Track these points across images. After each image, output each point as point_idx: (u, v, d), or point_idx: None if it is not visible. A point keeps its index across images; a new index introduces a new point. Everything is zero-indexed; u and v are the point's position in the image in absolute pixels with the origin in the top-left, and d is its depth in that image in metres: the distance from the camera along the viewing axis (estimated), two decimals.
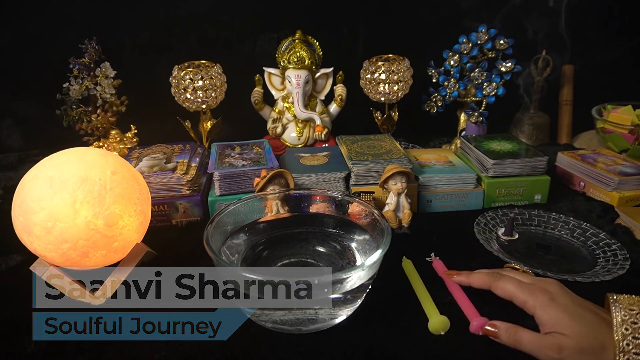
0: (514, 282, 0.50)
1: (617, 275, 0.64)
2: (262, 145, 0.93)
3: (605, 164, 0.90)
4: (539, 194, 0.87)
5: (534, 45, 1.14)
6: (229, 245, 0.62)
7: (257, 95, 1.06)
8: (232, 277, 0.53)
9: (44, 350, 0.52)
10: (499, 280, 0.51)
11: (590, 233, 0.75)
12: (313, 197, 0.69)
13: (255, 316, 0.54)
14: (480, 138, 0.97)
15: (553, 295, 0.48)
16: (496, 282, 0.51)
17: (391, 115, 1.07)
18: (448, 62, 1.00)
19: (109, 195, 0.57)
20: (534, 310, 0.48)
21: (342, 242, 0.65)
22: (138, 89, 1.04)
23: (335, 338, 0.53)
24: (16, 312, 0.58)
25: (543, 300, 0.47)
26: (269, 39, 1.18)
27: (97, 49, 0.94)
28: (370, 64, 1.04)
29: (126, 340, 0.54)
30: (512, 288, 0.49)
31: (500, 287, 0.50)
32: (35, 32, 1.12)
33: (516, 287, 0.49)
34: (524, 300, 0.48)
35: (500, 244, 0.74)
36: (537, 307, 0.47)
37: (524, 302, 0.48)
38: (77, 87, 0.92)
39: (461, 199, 0.86)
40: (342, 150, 0.92)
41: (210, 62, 1.00)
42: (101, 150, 0.64)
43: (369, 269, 0.52)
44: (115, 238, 0.58)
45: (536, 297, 0.48)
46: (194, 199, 0.80)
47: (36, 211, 0.54)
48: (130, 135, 1.01)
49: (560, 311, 0.46)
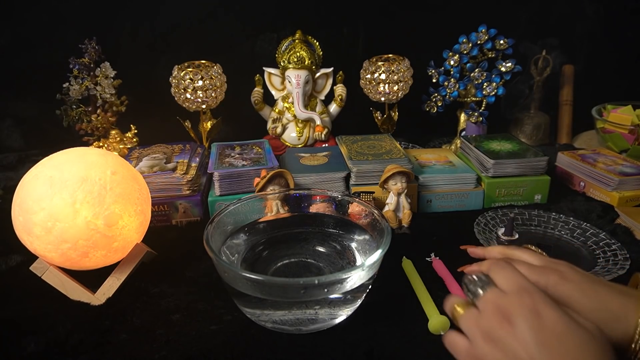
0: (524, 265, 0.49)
1: (617, 275, 0.64)
2: (262, 145, 0.93)
3: (605, 164, 0.90)
4: (539, 194, 0.87)
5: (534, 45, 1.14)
6: (229, 245, 0.62)
7: (257, 95, 1.06)
8: (232, 277, 0.53)
9: (44, 350, 0.52)
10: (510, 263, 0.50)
11: (590, 233, 0.75)
12: (313, 197, 0.69)
13: (255, 316, 0.54)
14: (480, 138, 0.97)
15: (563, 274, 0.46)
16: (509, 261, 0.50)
17: (391, 115, 1.07)
18: (448, 62, 1.00)
19: (109, 195, 0.57)
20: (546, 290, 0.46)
21: (342, 242, 0.65)
22: (138, 89, 1.04)
23: (335, 338, 0.53)
24: (16, 312, 0.58)
25: (554, 279, 0.46)
26: (269, 39, 1.18)
27: (97, 49, 0.94)
28: (370, 64, 1.04)
29: (126, 340, 0.54)
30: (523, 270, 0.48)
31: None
32: (35, 32, 1.12)
33: (526, 269, 0.48)
34: (535, 281, 0.46)
35: (501, 244, 0.74)
36: (549, 287, 0.46)
37: (536, 282, 0.46)
38: (77, 87, 0.92)
39: (461, 199, 0.86)
40: (342, 150, 0.92)
41: (210, 62, 1.00)
42: (101, 150, 0.64)
43: (369, 269, 0.52)
44: (115, 238, 0.58)
45: (548, 277, 0.46)
46: (194, 199, 0.80)
47: (36, 211, 0.54)
48: (130, 135, 1.00)
49: (571, 289, 0.45)
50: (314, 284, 0.49)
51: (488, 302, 0.41)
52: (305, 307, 0.52)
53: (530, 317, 0.37)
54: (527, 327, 0.37)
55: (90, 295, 0.60)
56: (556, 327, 0.37)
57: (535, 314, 0.38)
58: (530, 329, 0.37)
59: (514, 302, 0.39)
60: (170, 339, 0.54)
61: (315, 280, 0.49)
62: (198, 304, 0.60)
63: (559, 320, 0.37)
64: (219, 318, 0.57)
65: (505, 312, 0.39)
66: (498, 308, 0.39)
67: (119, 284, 0.61)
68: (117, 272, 0.61)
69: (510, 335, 0.37)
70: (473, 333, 0.40)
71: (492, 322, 0.39)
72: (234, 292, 0.54)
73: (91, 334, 0.54)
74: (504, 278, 0.43)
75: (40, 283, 0.59)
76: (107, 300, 0.60)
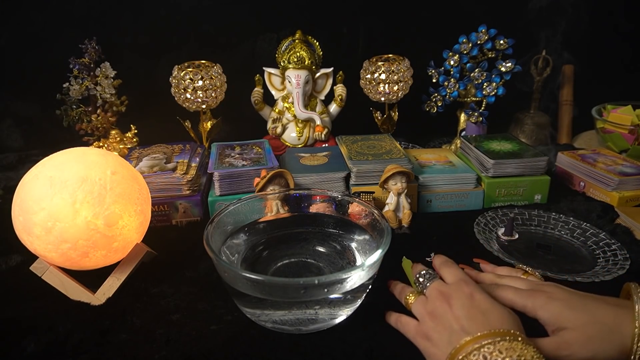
0: (510, 289, 0.51)
1: (617, 275, 0.64)
2: (262, 145, 0.93)
3: (605, 164, 0.90)
4: (539, 194, 0.87)
5: (534, 45, 1.14)
6: (229, 245, 0.62)
7: (257, 95, 1.06)
8: (232, 277, 0.53)
9: (44, 350, 0.52)
10: (496, 290, 0.52)
11: (590, 233, 0.75)
12: (313, 197, 0.69)
13: (255, 316, 0.54)
14: (480, 138, 0.98)
15: (550, 294, 0.48)
16: (493, 292, 0.51)
17: (391, 115, 1.07)
18: (448, 62, 1.00)
19: (109, 195, 0.57)
20: (535, 312, 0.48)
21: (342, 242, 0.65)
22: (138, 89, 1.04)
23: (335, 338, 0.53)
24: (16, 312, 0.58)
25: (541, 299, 0.48)
26: (269, 39, 1.18)
27: (97, 49, 0.94)
28: (370, 64, 1.04)
29: (126, 340, 0.54)
30: (510, 296, 0.50)
31: (499, 296, 0.51)
32: (35, 32, 1.12)
33: (514, 294, 0.50)
34: (523, 304, 0.49)
35: (500, 244, 0.74)
36: (537, 308, 0.48)
37: (524, 306, 0.49)
38: (77, 87, 0.92)
39: (461, 199, 0.86)
40: (342, 150, 0.92)
41: (210, 62, 1.00)
42: (101, 150, 0.64)
43: (369, 269, 0.52)
44: (115, 238, 0.58)
45: (535, 299, 0.48)
46: (194, 199, 0.80)
47: (36, 211, 0.54)
48: (130, 135, 1.00)
49: (559, 306, 0.47)
50: (314, 284, 0.49)
51: (434, 289, 0.50)
52: (305, 307, 0.52)
53: (465, 298, 0.47)
54: (461, 305, 0.47)
55: (90, 295, 0.60)
56: (482, 305, 0.47)
57: (469, 297, 0.47)
58: (463, 307, 0.46)
59: (454, 288, 0.49)
60: (170, 339, 0.54)
61: (315, 280, 0.49)
62: (198, 304, 0.60)
63: (485, 301, 0.47)
64: (219, 318, 0.57)
65: (447, 296, 0.48)
66: (441, 293, 0.49)
67: (119, 284, 0.61)
68: (117, 272, 0.61)
69: (449, 312, 0.47)
70: (421, 314, 0.50)
71: (435, 304, 0.49)
72: (234, 292, 0.54)
73: (91, 334, 0.54)
74: (449, 273, 0.52)
75: (40, 283, 0.59)
76: (107, 300, 0.60)
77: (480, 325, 0.44)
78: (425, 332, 0.48)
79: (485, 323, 0.44)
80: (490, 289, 0.52)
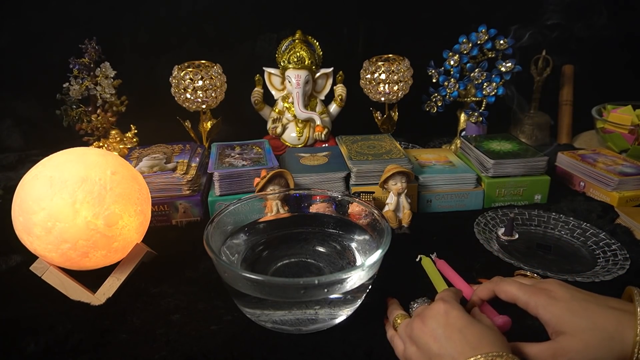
0: (515, 284, 0.50)
1: (617, 275, 0.64)
2: (262, 145, 0.93)
3: (605, 164, 0.90)
4: (539, 194, 0.87)
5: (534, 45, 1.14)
6: (229, 245, 0.62)
7: (257, 95, 1.06)
8: (232, 277, 0.53)
9: (44, 350, 0.52)
10: (500, 283, 0.51)
11: (590, 233, 0.75)
12: (313, 197, 0.69)
13: (255, 316, 0.54)
14: (480, 138, 0.98)
15: (553, 293, 0.48)
16: (498, 285, 0.51)
17: (391, 115, 1.07)
18: (448, 62, 1.00)
19: (109, 195, 0.57)
20: (536, 311, 0.48)
21: (342, 242, 0.65)
22: (138, 89, 1.04)
23: (335, 338, 0.54)
24: (16, 312, 0.58)
25: (543, 299, 0.47)
26: (269, 39, 1.18)
27: (97, 49, 0.94)
28: (370, 64, 1.04)
29: (126, 340, 0.54)
30: (514, 290, 0.50)
31: (503, 289, 0.50)
32: (35, 32, 1.12)
33: (518, 289, 0.50)
34: (525, 301, 0.48)
35: (500, 244, 0.74)
36: (539, 307, 0.47)
37: (526, 303, 0.48)
38: (77, 87, 0.92)
39: (461, 199, 0.86)
40: (342, 150, 0.92)
41: (210, 62, 1.00)
42: (101, 150, 0.64)
43: (369, 269, 0.52)
44: (115, 238, 0.58)
45: (537, 298, 0.48)
46: (194, 199, 0.80)
47: (36, 211, 0.54)
48: (130, 135, 1.01)
49: (561, 308, 0.46)
50: (314, 284, 0.49)
51: (415, 313, 0.50)
52: (305, 307, 0.52)
53: (439, 317, 0.46)
54: (437, 325, 0.45)
55: (90, 295, 0.60)
56: (458, 322, 0.45)
57: (444, 314, 0.46)
58: (438, 326, 0.45)
59: (431, 307, 0.48)
60: (170, 339, 0.54)
61: (315, 281, 0.49)
62: (198, 304, 0.60)
63: (461, 318, 0.45)
64: (219, 318, 0.57)
65: (423, 315, 0.48)
66: (419, 314, 0.48)
67: (119, 284, 0.61)
68: (117, 272, 0.61)
69: (425, 334, 0.46)
70: (404, 337, 0.49)
71: (413, 325, 0.48)
72: (234, 292, 0.54)
73: (91, 334, 0.54)
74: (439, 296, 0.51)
75: (40, 283, 0.59)
76: (107, 300, 0.60)
77: (459, 344, 0.43)
78: (409, 357, 0.47)
79: (462, 341, 0.43)
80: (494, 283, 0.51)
